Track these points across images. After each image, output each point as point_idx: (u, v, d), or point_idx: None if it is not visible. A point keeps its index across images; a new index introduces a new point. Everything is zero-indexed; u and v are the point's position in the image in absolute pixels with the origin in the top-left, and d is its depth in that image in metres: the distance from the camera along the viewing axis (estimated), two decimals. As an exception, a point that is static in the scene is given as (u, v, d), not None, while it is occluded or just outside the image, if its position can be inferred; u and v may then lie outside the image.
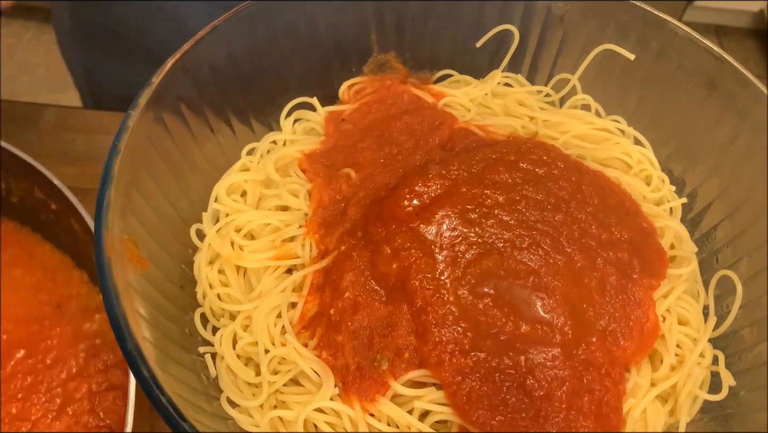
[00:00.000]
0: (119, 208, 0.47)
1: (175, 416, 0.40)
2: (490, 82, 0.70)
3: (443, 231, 0.53)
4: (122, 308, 0.42)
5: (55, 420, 0.60)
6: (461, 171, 0.57)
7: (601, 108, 0.69)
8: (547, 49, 0.70)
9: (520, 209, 0.55)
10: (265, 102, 0.67)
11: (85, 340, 0.65)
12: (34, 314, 0.66)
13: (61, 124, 0.84)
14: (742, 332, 0.55)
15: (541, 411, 0.47)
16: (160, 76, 0.54)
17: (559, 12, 0.67)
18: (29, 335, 0.64)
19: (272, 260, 0.57)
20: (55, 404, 0.61)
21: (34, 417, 0.60)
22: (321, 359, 0.50)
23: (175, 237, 0.57)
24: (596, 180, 0.59)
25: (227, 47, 0.60)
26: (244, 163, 0.64)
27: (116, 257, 0.45)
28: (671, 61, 0.62)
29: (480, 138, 0.64)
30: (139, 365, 0.41)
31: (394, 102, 0.67)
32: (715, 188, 0.61)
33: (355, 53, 0.69)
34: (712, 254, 0.60)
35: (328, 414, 0.50)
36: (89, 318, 0.66)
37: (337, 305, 0.51)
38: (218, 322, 0.56)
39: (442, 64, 0.73)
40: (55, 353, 0.63)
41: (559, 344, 0.49)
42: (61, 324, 0.65)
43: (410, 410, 0.50)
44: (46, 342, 0.64)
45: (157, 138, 0.54)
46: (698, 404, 0.53)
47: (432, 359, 0.49)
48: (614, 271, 0.53)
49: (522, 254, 0.52)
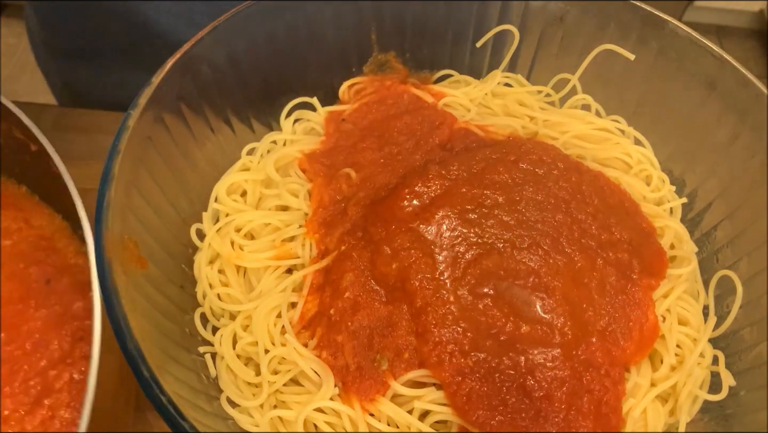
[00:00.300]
0: (119, 208, 0.47)
1: (175, 415, 0.40)
2: (490, 82, 0.70)
3: (443, 231, 0.53)
4: (122, 308, 0.43)
5: (29, 414, 0.52)
6: (461, 171, 0.57)
7: (601, 108, 0.69)
8: (547, 49, 0.70)
9: (520, 210, 0.55)
10: (265, 102, 0.67)
11: (72, 321, 0.57)
12: (20, 292, 0.59)
13: (61, 124, 0.84)
14: (742, 332, 0.55)
15: (541, 411, 0.47)
16: (160, 76, 0.54)
17: (559, 12, 0.67)
18: (11, 317, 0.57)
19: (272, 259, 0.57)
20: (30, 396, 0.53)
21: (6, 412, 0.52)
22: (321, 359, 0.50)
23: (175, 237, 0.57)
24: (596, 180, 0.59)
25: (227, 47, 0.60)
26: (244, 163, 0.64)
27: (116, 256, 0.45)
28: (671, 61, 0.62)
29: (480, 138, 0.64)
30: (139, 365, 0.41)
31: (394, 102, 0.67)
32: (715, 188, 0.61)
33: (355, 53, 0.69)
34: (712, 254, 0.60)
35: (328, 414, 0.50)
36: (81, 296, 0.59)
37: (337, 305, 0.51)
38: (218, 322, 0.56)
39: (442, 64, 0.73)
40: (38, 336, 0.56)
41: (558, 344, 0.49)
42: (47, 304, 0.58)
43: (410, 410, 0.50)
44: (29, 324, 0.57)
45: (157, 138, 0.54)
46: (698, 404, 0.53)
47: (432, 359, 0.49)
48: (614, 271, 0.53)
49: (522, 255, 0.52)
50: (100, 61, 0.93)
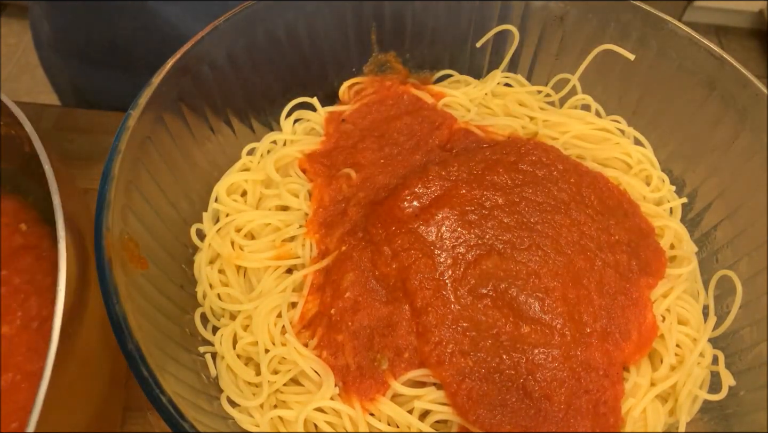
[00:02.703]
0: (119, 208, 0.47)
1: (175, 415, 0.40)
2: (490, 82, 0.70)
3: (443, 232, 0.53)
4: (122, 308, 0.43)
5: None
6: (461, 172, 0.57)
7: (601, 108, 0.69)
8: (547, 49, 0.70)
9: (520, 211, 0.55)
10: (265, 102, 0.67)
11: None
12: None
13: (61, 124, 0.84)
14: (742, 332, 0.55)
15: (541, 411, 0.48)
16: (160, 76, 0.54)
17: (559, 12, 0.67)
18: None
19: (272, 259, 0.57)
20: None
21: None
22: (321, 358, 0.50)
23: (176, 237, 0.58)
24: (595, 182, 0.59)
25: (227, 47, 0.60)
26: (245, 163, 0.64)
27: (116, 256, 0.45)
28: (671, 61, 0.62)
29: (480, 138, 0.64)
30: (139, 365, 0.41)
31: (395, 102, 0.67)
32: (715, 188, 0.61)
33: (355, 53, 0.69)
34: (712, 254, 0.60)
35: (328, 414, 0.50)
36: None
37: (338, 305, 0.51)
38: (218, 322, 0.56)
39: (442, 64, 0.73)
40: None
41: (558, 344, 0.49)
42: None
43: (410, 409, 0.50)
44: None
45: (157, 138, 0.54)
46: (698, 403, 0.53)
47: (432, 359, 0.49)
48: (613, 272, 0.53)
49: (521, 256, 0.53)
50: (111, 64, 0.93)
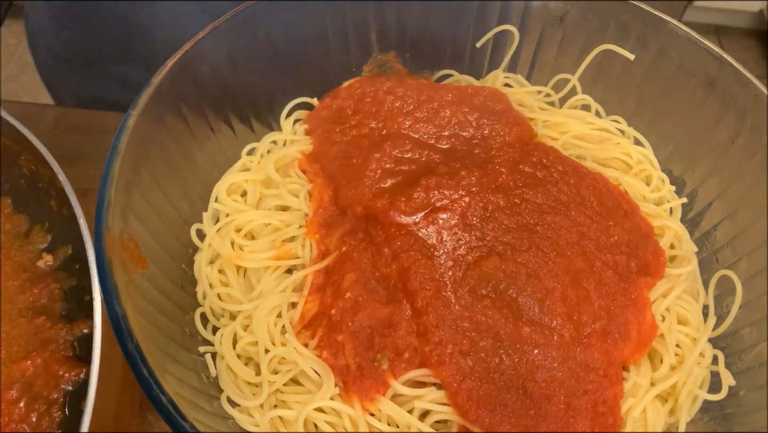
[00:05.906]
0: (119, 208, 0.47)
1: (175, 415, 0.40)
2: (491, 82, 0.70)
3: (443, 234, 0.53)
4: (122, 308, 0.43)
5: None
6: (461, 173, 0.57)
7: (601, 108, 0.69)
8: (547, 49, 0.70)
9: (520, 212, 0.55)
10: (265, 102, 0.67)
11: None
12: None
13: (61, 124, 0.84)
14: (742, 332, 0.55)
15: (541, 411, 0.48)
16: (160, 76, 0.54)
17: (559, 12, 0.67)
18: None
19: (272, 260, 0.57)
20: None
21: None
22: (321, 358, 0.50)
23: (176, 237, 0.57)
24: (595, 183, 0.59)
25: (227, 47, 0.60)
26: (245, 163, 0.64)
27: (116, 256, 0.45)
28: (671, 61, 0.62)
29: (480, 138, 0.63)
30: (139, 365, 0.41)
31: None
32: (715, 188, 0.61)
33: (355, 53, 0.69)
34: (712, 254, 0.60)
35: (328, 414, 0.50)
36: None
37: (338, 305, 0.51)
38: (218, 322, 0.56)
39: (442, 64, 0.73)
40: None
41: (557, 345, 0.50)
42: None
43: (410, 409, 0.50)
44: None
45: (157, 138, 0.54)
46: (698, 403, 0.53)
47: (432, 359, 0.49)
48: (612, 273, 0.54)
49: (521, 257, 0.53)
50: (108, 68, 0.92)
